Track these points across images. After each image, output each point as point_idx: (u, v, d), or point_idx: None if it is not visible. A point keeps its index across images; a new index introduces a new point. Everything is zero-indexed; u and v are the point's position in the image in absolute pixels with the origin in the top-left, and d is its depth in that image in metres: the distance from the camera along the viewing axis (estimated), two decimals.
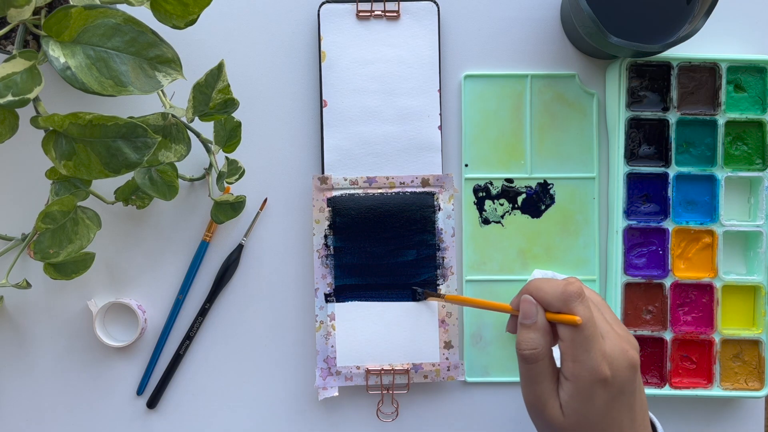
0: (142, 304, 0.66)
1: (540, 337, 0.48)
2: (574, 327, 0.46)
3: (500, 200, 0.66)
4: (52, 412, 0.66)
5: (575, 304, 0.46)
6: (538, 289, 0.49)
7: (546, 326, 0.48)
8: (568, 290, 0.47)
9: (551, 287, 0.48)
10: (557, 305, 0.47)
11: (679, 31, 0.58)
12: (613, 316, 0.50)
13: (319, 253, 0.64)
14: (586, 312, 0.46)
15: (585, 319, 0.46)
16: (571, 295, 0.47)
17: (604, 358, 0.46)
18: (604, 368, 0.46)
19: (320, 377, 0.64)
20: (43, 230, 0.53)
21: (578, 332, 0.46)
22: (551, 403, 0.48)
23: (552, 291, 0.48)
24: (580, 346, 0.46)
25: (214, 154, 0.59)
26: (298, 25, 0.65)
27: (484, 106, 0.65)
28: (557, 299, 0.47)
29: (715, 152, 0.64)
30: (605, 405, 0.46)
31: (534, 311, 0.48)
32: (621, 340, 0.48)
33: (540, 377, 0.48)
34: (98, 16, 0.47)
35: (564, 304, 0.47)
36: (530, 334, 0.48)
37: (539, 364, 0.48)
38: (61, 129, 0.49)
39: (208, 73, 0.54)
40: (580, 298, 0.47)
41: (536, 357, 0.48)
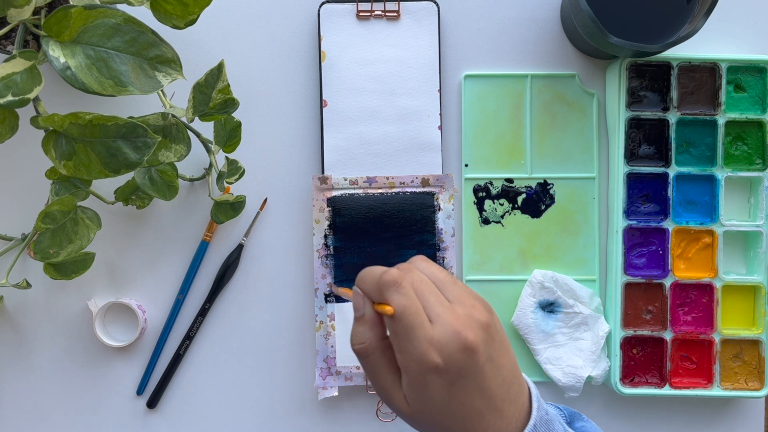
0: (142, 304, 0.66)
1: (367, 330, 0.45)
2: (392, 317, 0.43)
3: (500, 200, 0.66)
4: (52, 412, 0.66)
5: (390, 293, 0.43)
6: (360, 280, 0.45)
7: (373, 318, 0.45)
8: (383, 279, 0.43)
9: (370, 277, 0.45)
10: (376, 296, 0.44)
11: (679, 31, 0.58)
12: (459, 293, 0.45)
13: (319, 253, 0.64)
14: (402, 300, 0.43)
15: (401, 308, 0.42)
16: (384, 283, 0.43)
17: (432, 344, 0.42)
18: (432, 356, 0.42)
19: (320, 377, 0.64)
20: (43, 230, 0.53)
21: (396, 322, 0.43)
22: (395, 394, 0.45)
23: (370, 281, 0.44)
24: (403, 336, 0.43)
25: (214, 154, 0.59)
26: (298, 25, 0.65)
27: (484, 106, 0.65)
28: (374, 289, 0.44)
29: (715, 152, 0.64)
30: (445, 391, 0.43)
31: (361, 304, 0.45)
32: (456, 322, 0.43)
33: (377, 370, 0.45)
34: (98, 16, 0.47)
35: (380, 293, 0.44)
36: (359, 328, 0.45)
37: (372, 357, 0.45)
38: (61, 129, 0.49)
39: (208, 73, 0.54)
40: (394, 286, 0.43)
41: (366, 351, 0.45)
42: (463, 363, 0.42)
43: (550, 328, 0.64)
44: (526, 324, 0.64)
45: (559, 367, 0.63)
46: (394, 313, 0.43)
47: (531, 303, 0.64)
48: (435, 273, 0.46)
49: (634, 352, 0.64)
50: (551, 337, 0.64)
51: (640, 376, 0.64)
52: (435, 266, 0.47)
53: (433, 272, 0.46)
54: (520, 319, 0.64)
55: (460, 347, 0.42)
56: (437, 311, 0.43)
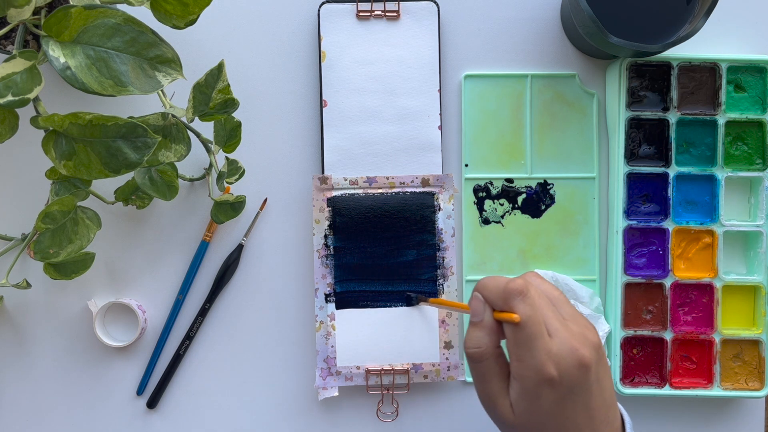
0: (142, 304, 0.66)
1: (485, 335, 0.47)
2: (516, 325, 0.45)
3: (500, 200, 0.66)
4: (52, 412, 0.66)
5: (516, 302, 0.45)
6: (483, 287, 0.47)
7: (492, 324, 0.47)
8: (509, 287, 0.45)
9: (494, 285, 0.46)
10: (500, 303, 0.46)
11: (679, 31, 0.58)
12: (572, 312, 0.48)
13: (319, 253, 0.64)
14: (527, 310, 0.45)
15: (525, 317, 0.44)
16: (511, 292, 0.45)
17: (550, 357, 0.44)
18: (550, 368, 0.44)
19: (320, 377, 0.64)
20: (43, 230, 0.53)
21: (520, 331, 0.45)
22: (501, 402, 0.47)
23: (494, 288, 0.46)
24: (523, 345, 0.45)
25: (214, 154, 0.59)
26: (298, 25, 0.65)
27: (484, 106, 0.65)
28: (499, 297, 0.46)
29: (715, 152, 0.64)
30: (555, 404, 0.45)
31: (481, 309, 0.47)
32: (572, 338, 0.45)
33: (488, 376, 0.47)
34: (98, 16, 0.47)
35: (505, 302, 0.46)
36: (476, 333, 0.47)
37: (485, 363, 0.47)
38: (61, 129, 0.49)
39: (208, 73, 0.54)
40: (521, 295, 0.45)
41: (481, 356, 0.47)
42: (576, 379, 0.45)
43: None
44: None
45: None
46: (519, 321, 0.44)
47: None
48: (549, 290, 0.48)
49: (634, 352, 0.64)
50: None
51: (640, 376, 0.64)
52: (548, 283, 0.49)
53: (547, 289, 0.49)
54: None
55: (575, 363, 0.45)
56: (555, 326, 0.45)
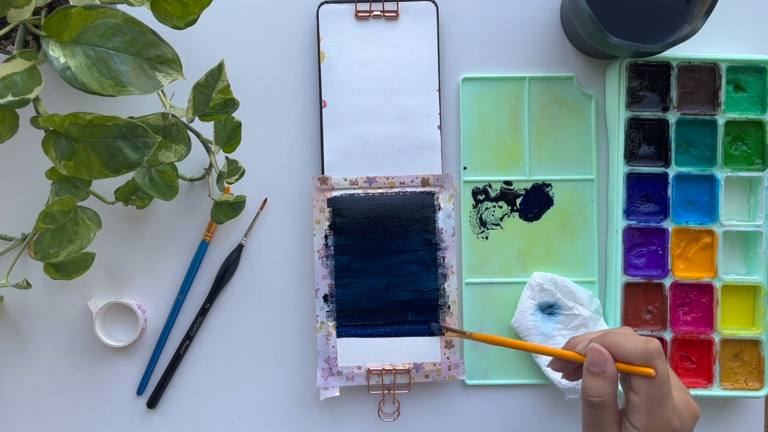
0: (142, 304, 0.66)
1: (608, 385, 0.50)
2: (651, 382, 0.48)
3: (499, 203, 0.66)
4: (52, 412, 0.66)
5: (657, 362, 0.48)
6: (617, 346, 0.50)
7: (614, 375, 0.50)
8: (650, 348, 0.49)
9: (632, 344, 0.49)
10: (639, 362, 0.49)
11: (679, 31, 0.58)
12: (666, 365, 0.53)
13: (320, 253, 0.64)
14: (666, 370, 0.49)
15: (664, 377, 0.48)
16: (653, 352, 0.48)
17: (675, 410, 0.49)
18: (675, 421, 0.49)
19: (321, 377, 0.64)
20: (43, 230, 0.53)
21: (656, 388, 0.48)
22: None
23: (633, 348, 0.49)
24: (657, 402, 0.48)
25: (214, 154, 0.59)
26: (297, 25, 0.66)
27: (482, 109, 0.65)
28: (638, 356, 0.49)
29: (715, 152, 0.64)
30: None
31: (603, 361, 0.50)
32: (683, 392, 0.51)
33: (605, 422, 0.50)
34: (98, 16, 0.48)
35: (645, 361, 0.49)
36: (598, 383, 0.50)
37: (606, 410, 0.50)
38: (61, 129, 0.49)
39: (208, 73, 0.54)
40: (661, 356, 0.49)
41: (603, 404, 0.50)
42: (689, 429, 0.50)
43: (550, 330, 0.64)
44: (526, 326, 0.64)
45: None
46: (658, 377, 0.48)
47: (530, 305, 0.64)
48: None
49: None
50: (551, 339, 0.64)
51: None
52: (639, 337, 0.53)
53: None
54: (519, 321, 0.64)
55: (692, 415, 0.50)
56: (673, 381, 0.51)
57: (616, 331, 0.51)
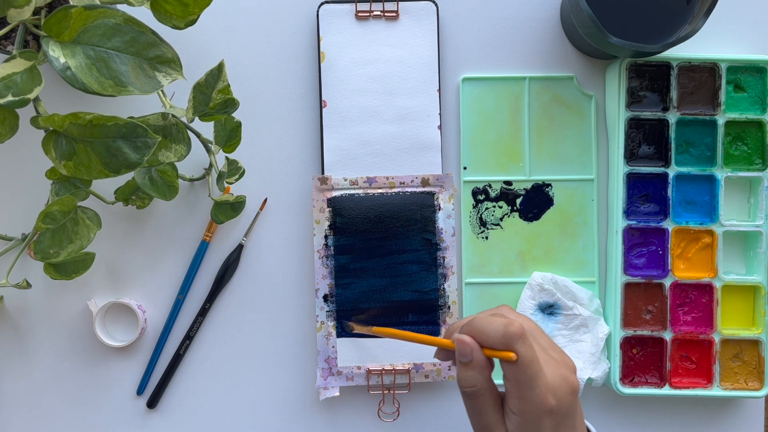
0: (142, 304, 0.66)
1: (478, 374, 0.48)
2: (516, 366, 0.47)
3: (499, 203, 0.66)
4: (52, 412, 0.66)
5: (518, 345, 0.47)
6: (480, 332, 0.49)
7: (483, 362, 0.49)
8: (510, 331, 0.47)
9: (492, 329, 0.48)
10: (499, 346, 0.48)
11: (679, 31, 0.58)
12: (548, 341, 0.51)
13: (320, 253, 0.64)
14: (528, 351, 0.47)
15: (528, 358, 0.46)
16: (513, 336, 0.47)
17: (548, 389, 0.47)
18: (549, 399, 0.47)
19: (321, 377, 0.64)
20: (43, 230, 0.53)
21: (521, 371, 0.47)
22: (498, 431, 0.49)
23: (494, 333, 0.48)
24: (525, 385, 0.47)
25: (214, 154, 0.59)
26: (297, 25, 0.66)
27: (482, 109, 0.65)
28: (499, 341, 0.47)
29: (715, 152, 0.64)
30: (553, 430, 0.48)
31: (469, 351, 0.48)
32: (560, 367, 0.49)
33: (484, 410, 0.49)
34: (98, 16, 0.48)
35: (506, 345, 0.47)
36: (468, 372, 0.49)
37: (481, 398, 0.49)
38: (61, 129, 0.49)
39: (208, 73, 0.54)
40: (522, 338, 0.47)
41: (477, 393, 0.49)
42: (570, 404, 0.48)
43: (550, 330, 0.64)
44: None
45: None
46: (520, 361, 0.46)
47: (530, 305, 0.64)
48: (525, 321, 0.51)
49: (634, 352, 0.64)
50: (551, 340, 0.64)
51: (640, 376, 0.64)
52: (523, 316, 0.52)
53: (523, 320, 0.51)
54: None
55: (569, 390, 0.48)
56: (544, 358, 0.48)
57: (481, 315, 0.50)
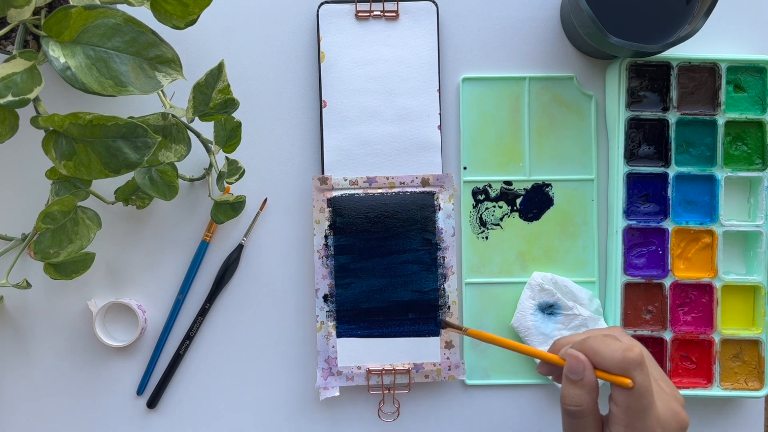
0: (142, 304, 0.66)
1: (586, 393, 0.47)
2: (630, 393, 0.45)
3: (499, 203, 0.66)
4: (52, 412, 0.66)
5: (636, 372, 0.45)
6: (595, 353, 0.47)
7: (594, 383, 0.47)
8: (628, 357, 0.45)
9: (610, 352, 0.46)
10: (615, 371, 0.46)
11: (679, 31, 0.58)
12: (660, 371, 0.49)
13: (320, 253, 0.64)
14: (645, 380, 0.45)
15: (644, 388, 0.45)
16: (632, 362, 0.45)
17: (658, 422, 0.46)
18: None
19: (321, 377, 0.64)
20: (43, 230, 0.53)
21: (635, 400, 0.45)
22: None
23: (610, 356, 0.46)
24: (636, 415, 0.46)
25: (214, 154, 0.59)
26: (297, 25, 0.66)
27: (482, 109, 0.65)
28: (616, 366, 0.46)
29: (715, 152, 0.64)
30: None
31: (582, 368, 0.47)
32: (671, 401, 0.48)
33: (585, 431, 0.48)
34: (98, 16, 0.48)
35: (623, 371, 0.46)
36: (576, 391, 0.47)
37: (585, 419, 0.48)
38: (61, 129, 0.49)
39: (208, 73, 0.54)
40: (640, 366, 0.45)
41: (581, 414, 0.47)
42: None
43: (550, 330, 0.64)
44: (526, 326, 0.64)
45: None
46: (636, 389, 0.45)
47: (531, 305, 0.64)
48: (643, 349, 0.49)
49: None
50: (551, 339, 0.64)
51: None
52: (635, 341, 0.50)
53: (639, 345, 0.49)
54: (519, 321, 0.64)
55: (678, 426, 0.47)
56: (656, 389, 0.47)
57: (598, 334, 0.49)
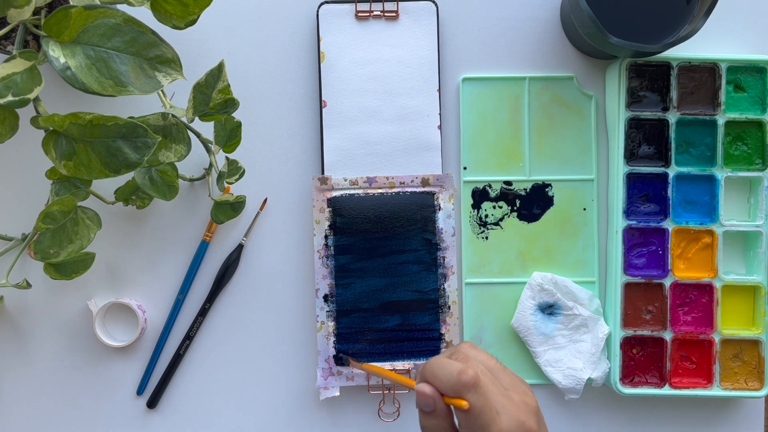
0: (142, 304, 0.66)
1: (441, 422, 0.48)
2: (468, 414, 0.46)
3: (499, 203, 0.66)
4: (52, 412, 0.66)
5: (470, 395, 0.46)
6: (433, 376, 0.48)
7: (445, 411, 0.48)
8: (462, 380, 0.46)
9: (445, 374, 0.47)
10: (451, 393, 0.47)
11: (679, 31, 0.58)
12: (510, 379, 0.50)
13: (320, 253, 0.64)
14: (480, 400, 0.46)
15: (479, 408, 0.46)
16: (464, 385, 0.46)
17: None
18: None
19: (321, 377, 0.64)
20: (44, 230, 0.53)
21: (473, 420, 0.46)
22: None
23: (446, 379, 0.47)
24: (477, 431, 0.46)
25: (214, 154, 0.59)
26: (297, 25, 0.66)
27: (482, 109, 0.65)
28: (451, 389, 0.47)
29: (715, 152, 0.64)
30: None
31: (431, 402, 0.48)
32: (518, 411, 0.47)
33: None
34: (98, 16, 0.48)
35: (457, 393, 0.46)
36: (431, 421, 0.48)
37: None
38: (61, 129, 0.49)
39: (208, 73, 0.54)
40: (474, 387, 0.46)
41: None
42: None
43: (550, 331, 0.64)
44: (526, 326, 0.64)
45: (559, 369, 0.63)
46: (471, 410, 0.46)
47: (530, 305, 0.64)
48: (486, 361, 0.50)
49: (634, 352, 0.64)
50: (551, 340, 0.64)
51: (640, 376, 0.64)
52: (484, 353, 0.50)
53: (484, 360, 0.50)
54: (519, 321, 0.64)
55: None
56: (502, 402, 0.47)
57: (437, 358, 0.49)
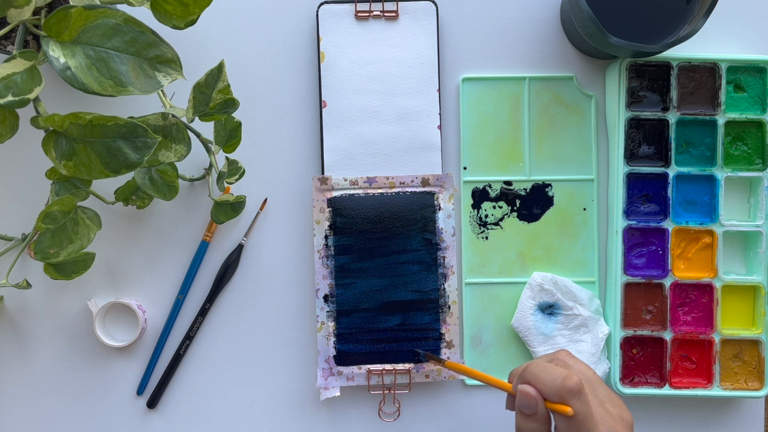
0: (142, 304, 0.66)
1: (540, 425, 0.48)
2: (570, 421, 0.47)
3: (499, 203, 0.66)
4: (52, 412, 0.66)
5: (574, 401, 0.47)
6: (536, 380, 0.48)
7: (546, 415, 0.48)
8: (567, 385, 0.47)
9: (550, 379, 0.48)
10: (554, 399, 0.48)
11: (679, 31, 0.58)
12: (606, 392, 0.51)
13: (320, 253, 0.64)
14: (583, 408, 0.47)
15: (582, 415, 0.47)
16: (569, 391, 0.47)
17: None
18: None
19: (322, 377, 0.64)
20: (44, 230, 0.53)
21: (575, 427, 0.47)
22: None
23: (550, 384, 0.47)
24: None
25: (214, 154, 0.59)
26: (297, 25, 0.66)
27: (482, 109, 0.65)
28: (554, 394, 0.47)
29: (715, 152, 0.64)
30: None
31: (534, 403, 0.48)
32: (615, 423, 0.48)
33: None
34: (98, 16, 0.48)
35: (561, 399, 0.47)
36: (530, 424, 0.49)
37: None
38: (61, 129, 0.49)
39: (208, 73, 0.54)
40: (579, 394, 0.47)
41: None
42: None
43: (550, 331, 0.64)
44: (526, 326, 0.64)
45: None
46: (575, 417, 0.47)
47: (531, 305, 0.64)
48: (584, 371, 0.51)
49: (634, 352, 0.64)
50: (551, 339, 0.64)
51: (640, 376, 0.64)
52: (581, 363, 0.52)
53: (581, 370, 0.51)
54: (519, 321, 0.64)
55: None
56: (600, 413, 0.48)
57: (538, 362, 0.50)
